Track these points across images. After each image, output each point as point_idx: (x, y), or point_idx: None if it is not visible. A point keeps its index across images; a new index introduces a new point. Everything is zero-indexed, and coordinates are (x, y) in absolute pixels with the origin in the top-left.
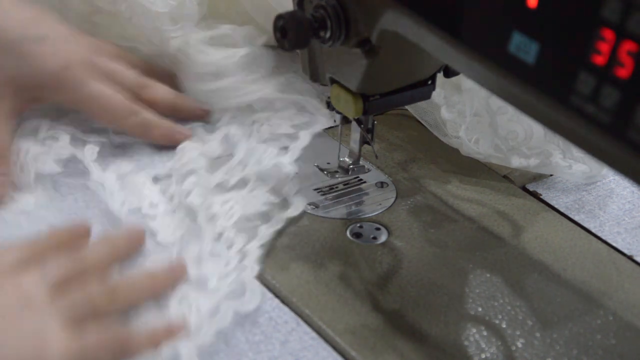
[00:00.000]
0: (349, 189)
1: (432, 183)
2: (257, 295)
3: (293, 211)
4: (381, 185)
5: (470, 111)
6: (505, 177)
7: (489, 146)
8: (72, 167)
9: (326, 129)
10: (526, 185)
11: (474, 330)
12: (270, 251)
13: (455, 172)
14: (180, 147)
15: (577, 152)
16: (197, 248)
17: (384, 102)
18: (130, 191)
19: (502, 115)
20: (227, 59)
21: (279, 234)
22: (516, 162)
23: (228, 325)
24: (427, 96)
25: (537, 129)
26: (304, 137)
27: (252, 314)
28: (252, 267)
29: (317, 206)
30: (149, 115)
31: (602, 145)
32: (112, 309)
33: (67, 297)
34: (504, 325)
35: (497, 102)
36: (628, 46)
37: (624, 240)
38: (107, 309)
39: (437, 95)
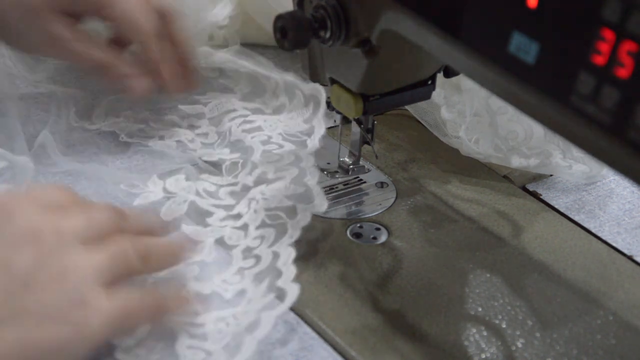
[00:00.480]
0: (349, 189)
1: (432, 183)
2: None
3: (319, 206)
4: (381, 185)
5: (470, 111)
6: (505, 177)
7: (489, 146)
8: None
9: (326, 129)
10: (526, 185)
11: (474, 330)
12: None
13: (455, 172)
14: None
15: (577, 152)
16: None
17: (384, 102)
18: None
19: (502, 115)
20: None
21: None
22: (516, 162)
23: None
24: (427, 96)
25: (537, 129)
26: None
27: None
28: (288, 269)
29: None
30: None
31: (602, 145)
32: (144, 270)
33: (105, 252)
34: (504, 325)
35: (497, 102)
36: (628, 46)
37: (624, 240)
38: (140, 269)
39: (437, 95)
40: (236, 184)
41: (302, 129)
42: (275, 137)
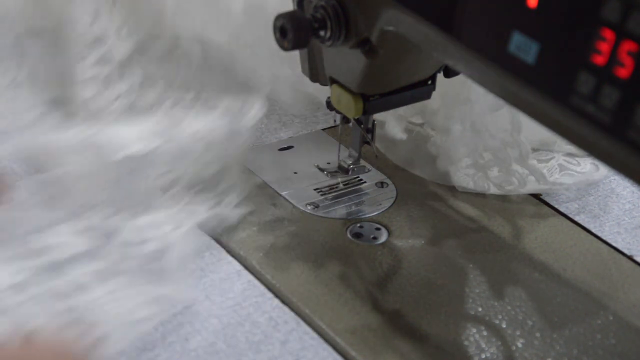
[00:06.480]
0: (349, 189)
1: (432, 183)
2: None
3: None
4: (381, 185)
5: (464, 152)
6: None
7: (483, 186)
8: None
9: (326, 128)
10: None
11: (474, 330)
12: (270, 251)
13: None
14: None
15: (571, 188)
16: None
17: (384, 102)
18: None
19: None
20: None
21: (279, 234)
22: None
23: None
24: (427, 96)
25: (530, 182)
26: None
27: (253, 314)
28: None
29: (317, 206)
30: None
31: (602, 145)
32: None
33: None
34: (504, 325)
35: (487, 143)
36: (628, 46)
37: (624, 240)
38: None
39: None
40: None
41: None
42: None
